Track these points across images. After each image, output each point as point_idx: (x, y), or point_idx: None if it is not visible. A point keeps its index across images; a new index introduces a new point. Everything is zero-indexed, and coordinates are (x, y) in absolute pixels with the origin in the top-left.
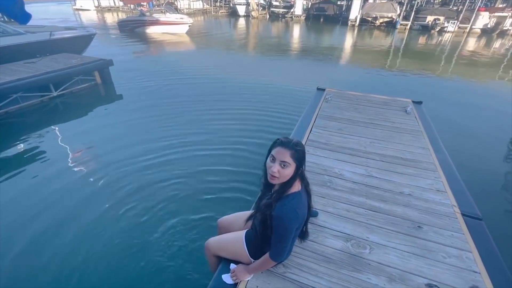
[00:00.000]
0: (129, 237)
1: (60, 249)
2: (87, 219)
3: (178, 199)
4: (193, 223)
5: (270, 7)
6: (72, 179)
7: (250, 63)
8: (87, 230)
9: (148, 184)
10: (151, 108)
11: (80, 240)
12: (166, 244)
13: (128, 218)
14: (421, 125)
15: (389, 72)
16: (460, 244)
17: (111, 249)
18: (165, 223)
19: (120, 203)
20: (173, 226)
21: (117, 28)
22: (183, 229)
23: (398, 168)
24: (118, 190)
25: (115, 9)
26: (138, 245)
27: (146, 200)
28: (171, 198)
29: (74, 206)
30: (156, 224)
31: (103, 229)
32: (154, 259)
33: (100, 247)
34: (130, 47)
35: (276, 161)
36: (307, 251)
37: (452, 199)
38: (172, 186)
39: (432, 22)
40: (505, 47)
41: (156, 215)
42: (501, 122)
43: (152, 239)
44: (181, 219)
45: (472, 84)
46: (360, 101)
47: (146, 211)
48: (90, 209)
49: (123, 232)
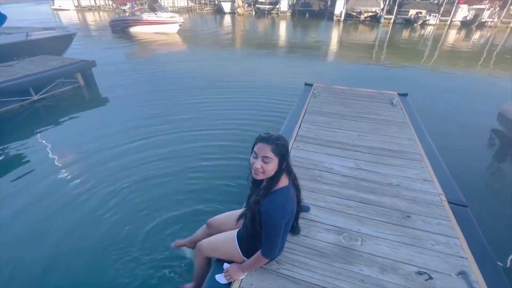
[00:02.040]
0: (117, 238)
1: (45, 256)
2: (74, 223)
3: (167, 200)
4: (184, 224)
5: (256, 4)
6: (57, 185)
7: (238, 60)
8: (74, 232)
9: (136, 185)
10: (137, 109)
11: (67, 244)
12: (155, 246)
13: (116, 220)
14: (407, 117)
15: (374, 66)
16: (447, 231)
17: (99, 250)
18: (154, 225)
19: (107, 205)
20: (162, 228)
21: (108, 28)
22: (174, 230)
23: (386, 160)
24: (105, 192)
25: (96, 9)
26: (126, 248)
27: (135, 202)
28: (160, 200)
29: (61, 212)
30: (144, 226)
31: (88, 232)
32: (143, 262)
33: (87, 249)
34: (116, 48)
35: (258, 157)
36: (300, 246)
37: (439, 188)
38: (160, 187)
39: (415, 16)
40: (484, 38)
41: (145, 217)
42: (483, 110)
43: (140, 241)
44: (171, 220)
45: (455, 75)
46: (347, 95)
47: (134, 213)
48: (77, 213)
49: (111, 234)
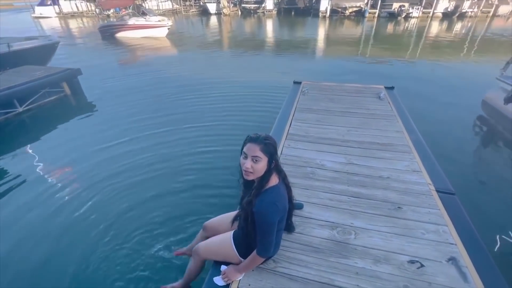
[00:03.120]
0: (113, 245)
1: (36, 262)
2: (65, 236)
3: (160, 205)
4: (178, 228)
5: (241, 3)
6: (47, 195)
7: (226, 61)
8: (65, 246)
9: (126, 191)
10: (126, 115)
11: (58, 254)
12: (151, 250)
13: (108, 226)
14: (394, 110)
15: (361, 60)
16: (437, 219)
17: (91, 255)
18: (149, 230)
19: (98, 212)
20: (157, 233)
21: (94, 34)
22: (168, 234)
23: (376, 153)
24: (95, 199)
25: (78, 15)
26: (123, 252)
27: (126, 208)
28: (153, 204)
29: (51, 221)
30: (137, 230)
31: (79, 239)
32: (139, 266)
33: (80, 254)
34: (104, 54)
35: (248, 157)
36: (295, 244)
37: (427, 178)
38: (153, 192)
39: (398, 9)
40: (465, 28)
41: (138, 221)
42: (467, 99)
43: (135, 245)
44: (166, 224)
45: (439, 65)
46: (335, 91)
47: (127, 219)
48: (68, 221)
49: (102, 240)
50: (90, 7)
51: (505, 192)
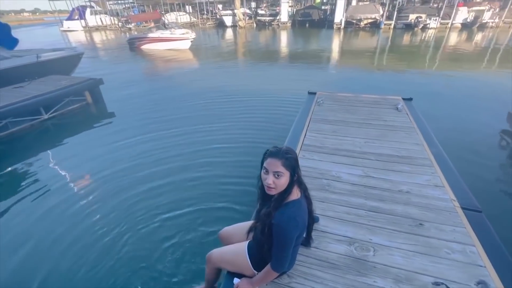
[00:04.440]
0: (130, 253)
1: (55, 275)
2: (85, 241)
3: (176, 213)
4: (193, 236)
5: (256, 16)
6: (65, 200)
7: (242, 72)
8: (85, 252)
9: (145, 200)
10: (145, 124)
11: (79, 262)
12: (167, 258)
13: (127, 234)
14: (413, 122)
15: (377, 71)
16: (463, 239)
17: (113, 266)
18: (165, 236)
19: (115, 220)
20: (174, 240)
21: (120, 45)
22: (184, 241)
23: (395, 166)
24: (112, 207)
25: (102, 28)
26: (140, 260)
27: (145, 215)
28: (169, 212)
29: (69, 230)
30: (156, 238)
31: (100, 249)
32: (155, 272)
33: (102, 265)
34: (126, 65)
35: (269, 172)
36: (311, 259)
37: (451, 193)
38: (170, 200)
39: (415, 20)
40: (486, 39)
41: (155, 229)
42: (490, 112)
43: (154, 252)
44: (181, 232)
45: (459, 77)
46: (351, 102)
47: (144, 226)
48: (88, 229)
49: (124, 249)
50: (114, 21)
51: None
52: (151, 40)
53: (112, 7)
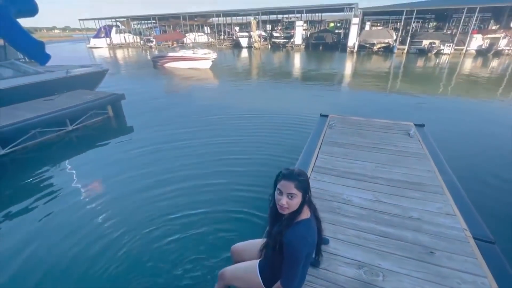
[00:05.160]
0: (142, 268)
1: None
2: (101, 250)
3: (190, 229)
4: (205, 251)
5: (271, 38)
6: (84, 210)
7: (256, 92)
8: (100, 260)
9: (160, 214)
10: (162, 138)
11: (93, 273)
12: (178, 272)
13: (142, 248)
14: (425, 148)
15: (390, 95)
16: (474, 269)
17: (122, 276)
18: (177, 250)
19: (134, 233)
20: (184, 255)
21: (143, 62)
22: (195, 257)
23: (405, 192)
24: (131, 219)
25: (125, 46)
26: (152, 276)
27: (159, 230)
28: (183, 227)
29: (89, 237)
30: (168, 252)
31: (114, 257)
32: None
33: (113, 267)
34: (148, 82)
35: (283, 194)
36: (320, 280)
37: (463, 223)
38: (183, 215)
39: (428, 46)
40: (502, 66)
41: (168, 244)
42: (505, 140)
43: (165, 266)
44: (193, 248)
45: (474, 104)
46: (363, 126)
47: (159, 240)
48: (104, 239)
49: (137, 261)
50: (136, 39)
51: None
52: (174, 59)
53: (136, 26)
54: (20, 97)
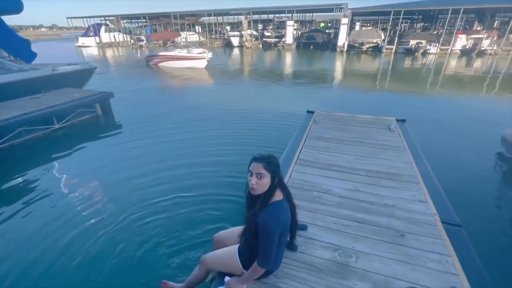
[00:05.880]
0: (127, 260)
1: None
2: (88, 247)
3: (175, 220)
4: (189, 240)
5: (263, 38)
6: (70, 209)
7: (248, 90)
8: (86, 259)
9: (146, 207)
10: (150, 136)
11: (80, 270)
12: (163, 262)
13: (128, 241)
14: (404, 141)
15: (377, 93)
16: (440, 250)
17: (110, 272)
18: (162, 241)
19: (117, 227)
20: (168, 245)
21: (134, 61)
22: (179, 246)
23: (383, 182)
24: (117, 216)
25: (115, 45)
26: (137, 266)
27: (143, 222)
28: (168, 219)
29: (74, 236)
30: (154, 243)
31: (101, 256)
32: (152, 275)
33: (100, 272)
34: (138, 81)
35: (253, 174)
36: (297, 262)
37: (433, 208)
38: (169, 207)
39: (415, 46)
40: (485, 65)
41: (154, 235)
42: (485, 135)
43: (150, 257)
44: (178, 237)
45: (457, 100)
46: (347, 121)
47: (143, 231)
48: (90, 236)
49: (121, 254)
50: (126, 38)
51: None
52: (168, 58)
53: (126, 25)
54: (4, 95)
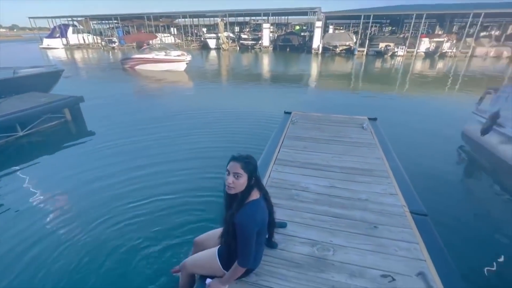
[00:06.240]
0: (106, 270)
1: None
2: (56, 257)
3: (152, 227)
4: (169, 245)
5: (240, 40)
6: (36, 221)
7: (226, 92)
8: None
9: (120, 215)
10: (123, 143)
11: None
12: (144, 268)
13: (102, 251)
14: (376, 139)
15: (350, 93)
16: (409, 238)
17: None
18: (141, 248)
19: (92, 237)
20: (148, 251)
21: (118, 65)
22: (160, 251)
23: (356, 178)
24: (89, 224)
25: (84, 47)
26: (117, 274)
27: (120, 230)
28: (145, 225)
29: (41, 250)
30: (132, 250)
31: (69, 266)
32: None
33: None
34: (115, 84)
35: (230, 173)
36: (277, 259)
37: (402, 200)
38: (145, 213)
39: (384, 48)
40: (446, 67)
41: (132, 242)
42: (449, 131)
43: (129, 265)
44: (157, 243)
45: (422, 99)
46: (322, 121)
47: (120, 240)
48: (57, 247)
49: (98, 266)
50: (96, 39)
51: (482, 218)
52: (145, 61)
53: (96, 26)
54: None
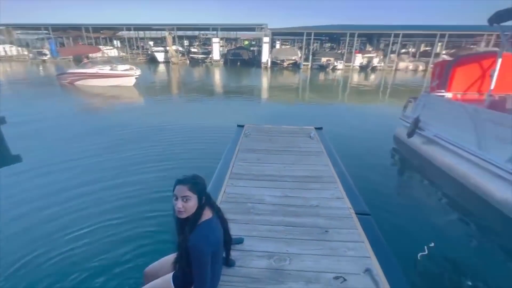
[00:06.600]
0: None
1: None
2: None
3: (95, 258)
4: (115, 274)
5: (189, 53)
6: None
7: (176, 106)
8: None
9: (54, 249)
10: (61, 163)
11: None
12: None
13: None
14: (322, 147)
15: (297, 104)
16: (356, 238)
17: None
18: (80, 281)
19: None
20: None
21: (55, 81)
22: (104, 283)
23: (307, 185)
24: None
25: (6, 59)
26: None
27: (53, 267)
28: (90, 254)
29: None
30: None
31: None
32: None
33: None
34: (46, 102)
35: (178, 198)
36: (235, 277)
37: (348, 203)
38: (89, 241)
39: (326, 62)
40: (377, 79)
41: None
42: (383, 135)
43: None
44: (100, 274)
45: (360, 107)
46: (273, 132)
47: (63, 275)
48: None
49: None
50: (22, 51)
51: (414, 210)
52: (88, 76)
53: (21, 36)
54: None
